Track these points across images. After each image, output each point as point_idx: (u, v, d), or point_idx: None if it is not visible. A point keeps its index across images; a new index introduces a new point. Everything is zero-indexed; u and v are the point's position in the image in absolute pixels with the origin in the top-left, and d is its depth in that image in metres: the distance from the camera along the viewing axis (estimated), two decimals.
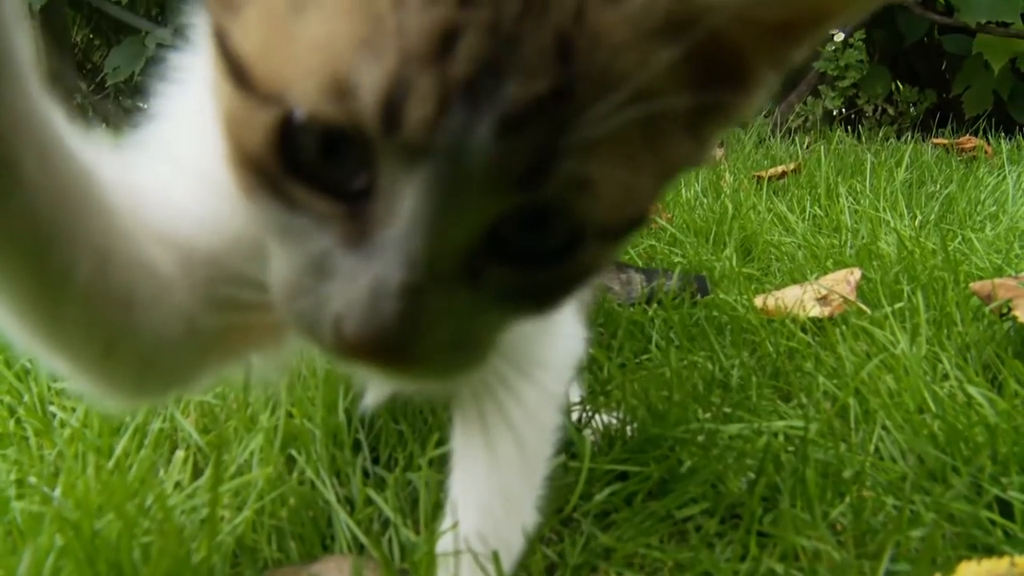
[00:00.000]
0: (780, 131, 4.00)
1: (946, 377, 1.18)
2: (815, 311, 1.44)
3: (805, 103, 4.28)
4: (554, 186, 0.43)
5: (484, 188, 0.42)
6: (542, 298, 0.51)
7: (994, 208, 2.21)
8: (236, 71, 0.45)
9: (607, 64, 0.42)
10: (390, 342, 0.44)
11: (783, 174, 2.80)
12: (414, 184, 0.42)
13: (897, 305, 1.43)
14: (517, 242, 0.46)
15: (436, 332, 0.46)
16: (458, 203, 0.42)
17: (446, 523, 0.77)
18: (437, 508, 0.86)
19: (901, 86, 4.72)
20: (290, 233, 0.46)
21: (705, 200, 2.49)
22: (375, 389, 0.78)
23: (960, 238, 1.87)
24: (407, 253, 0.43)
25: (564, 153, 0.42)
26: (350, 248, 0.44)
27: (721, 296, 1.60)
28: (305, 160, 0.44)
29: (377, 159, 0.42)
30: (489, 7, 0.40)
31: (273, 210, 0.46)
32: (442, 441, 0.93)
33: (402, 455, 0.97)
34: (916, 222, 2.09)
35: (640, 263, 1.92)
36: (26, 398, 1.14)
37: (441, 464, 0.92)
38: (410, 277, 0.43)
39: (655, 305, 1.56)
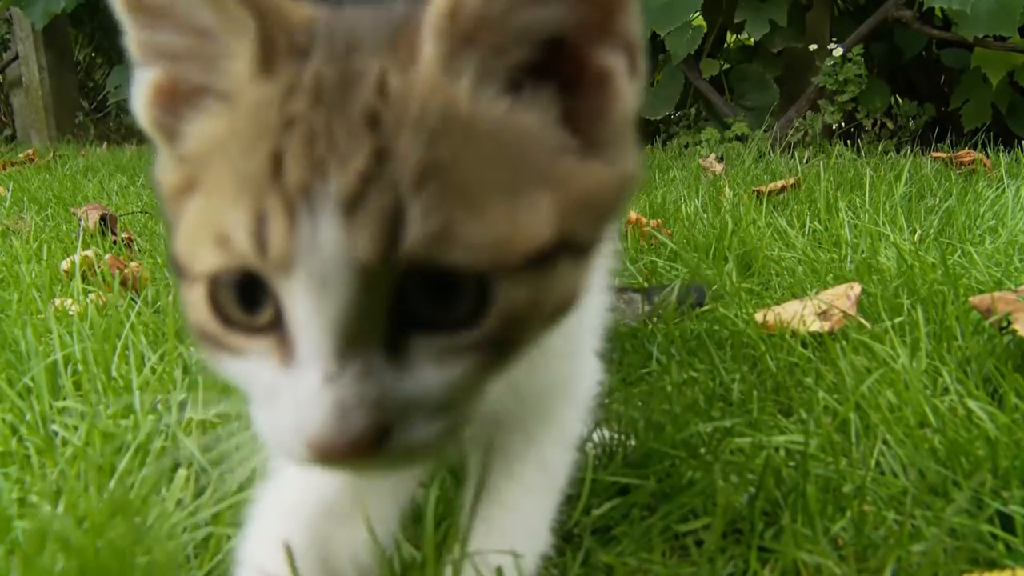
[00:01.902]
0: (779, 146, 4.01)
1: (946, 391, 1.18)
2: (815, 326, 1.45)
3: (804, 118, 4.29)
4: (414, 242, 0.45)
5: (352, 268, 0.45)
6: (503, 348, 0.50)
7: (993, 222, 2.21)
8: (180, 271, 0.52)
9: (419, 115, 0.46)
10: (348, 432, 0.47)
11: (783, 189, 2.81)
12: (299, 291, 0.46)
13: (897, 319, 1.43)
14: (431, 311, 0.48)
15: (386, 409, 0.48)
16: (338, 291, 0.45)
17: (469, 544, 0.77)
18: (440, 524, 0.86)
19: (900, 100, 4.74)
20: (249, 380, 0.52)
21: (705, 215, 2.50)
22: None
23: (960, 252, 1.87)
24: (320, 350, 0.46)
25: (408, 208, 0.45)
26: (285, 368, 0.49)
27: (721, 311, 1.60)
28: (233, 313, 0.50)
29: (273, 286, 0.47)
30: (303, 120, 0.46)
31: (232, 366, 0.52)
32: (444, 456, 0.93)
33: None
34: (916, 236, 2.09)
35: (640, 278, 1.93)
36: (28, 417, 1.15)
37: (444, 480, 0.92)
38: (330, 368, 0.47)
39: (655, 319, 1.57)
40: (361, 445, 0.47)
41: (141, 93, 0.55)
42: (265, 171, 0.46)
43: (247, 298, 0.49)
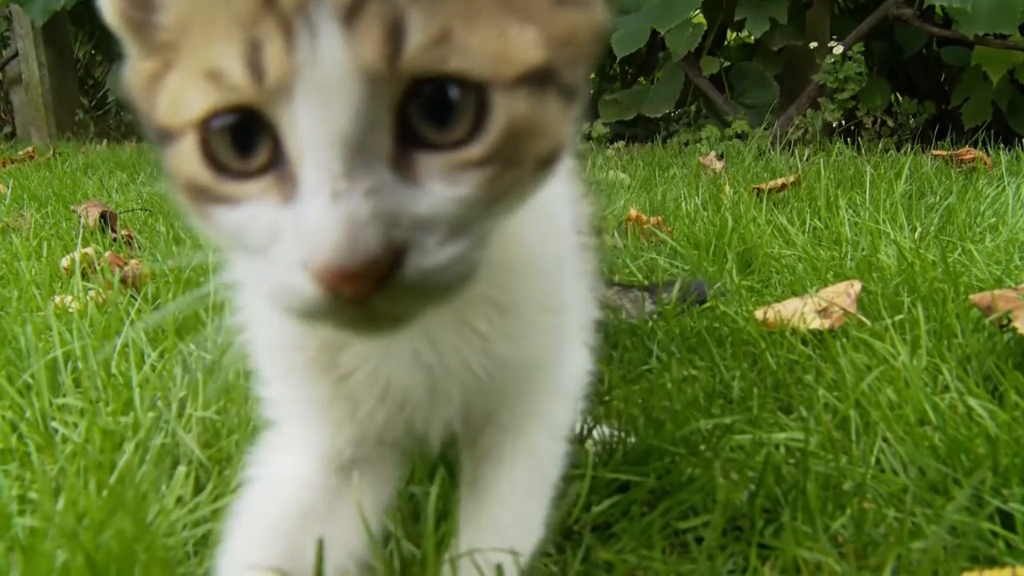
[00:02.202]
0: (780, 143, 4.01)
1: (947, 389, 1.18)
2: (815, 323, 1.45)
3: (804, 115, 4.29)
4: (415, 47, 0.45)
5: (357, 77, 0.45)
6: (505, 168, 0.50)
7: (993, 219, 2.21)
8: (165, 136, 0.52)
9: None
10: (361, 250, 0.45)
11: (783, 186, 2.81)
12: (301, 112, 0.45)
13: (897, 317, 1.43)
14: (434, 129, 0.48)
15: (399, 226, 0.47)
16: (342, 104, 0.45)
17: (460, 541, 0.77)
18: (439, 521, 0.86)
19: (900, 98, 4.74)
20: (246, 229, 0.50)
21: (705, 213, 2.50)
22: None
23: (960, 250, 1.87)
24: (327, 171, 0.46)
25: (406, 15, 0.45)
26: (288, 203, 0.48)
27: (722, 308, 1.60)
28: (226, 159, 0.49)
29: (272, 118, 0.47)
30: None
31: (227, 217, 0.51)
32: (445, 454, 0.93)
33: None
34: (916, 234, 2.09)
35: (640, 275, 1.93)
36: (28, 414, 1.15)
37: (443, 477, 0.92)
38: (339, 185, 0.45)
39: (656, 316, 1.57)
40: (376, 266, 0.46)
41: None
42: (256, 2, 0.45)
43: (241, 141, 0.49)
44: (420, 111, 0.47)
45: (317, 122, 0.45)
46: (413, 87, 0.46)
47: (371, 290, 0.47)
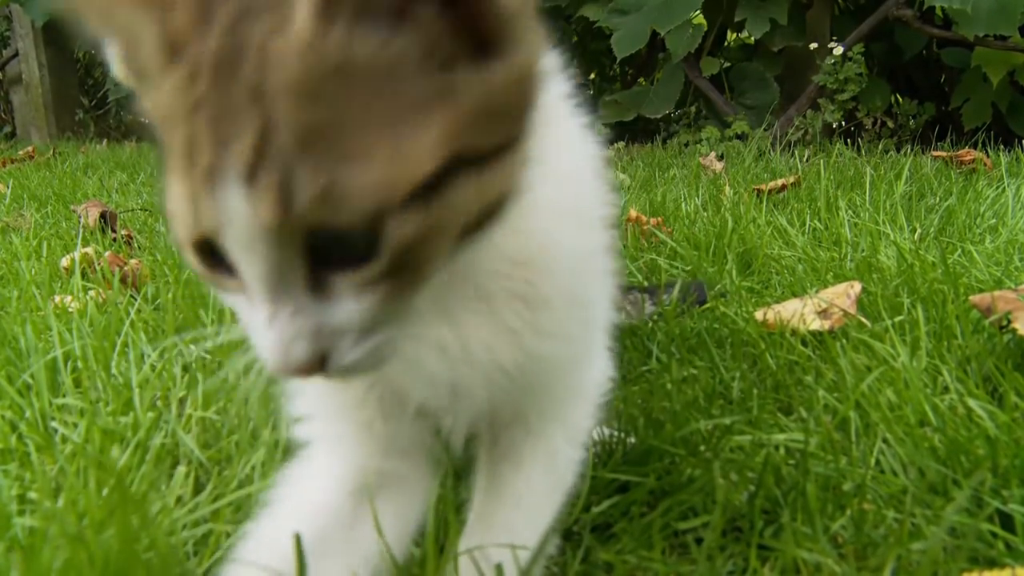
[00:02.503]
0: (780, 144, 4.01)
1: (946, 390, 1.18)
2: (815, 324, 1.45)
3: (804, 116, 4.29)
4: (304, 204, 0.49)
5: (262, 232, 0.50)
6: (411, 272, 0.55)
7: (993, 221, 2.21)
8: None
9: (297, 78, 0.47)
10: (293, 360, 0.55)
11: (783, 187, 2.81)
12: (233, 253, 0.53)
13: (897, 318, 1.43)
14: (337, 254, 0.53)
15: (322, 338, 0.55)
16: (257, 251, 0.52)
17: (468, 538, 0.77)
18: (439, 520, 0.86)
19: (900, 99, 4.74)
20: (239, 311, 0.59)
21: (705, 213, 2.50)
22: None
23: (960, 251, 1.87)
24: (261, 296, 0.54)
25: (295, 175, 0.49)
26: (251, 306, 0.57)
27: (722, 309, 1.60)
28: (210, 260, 0.56)
29: (221, 248, 0.54)
30: (207, 101, 0.48)
31: (227, 299, 0.60)
32: (448, 452, 0.93)
33: None
34: (916, 235, 2.09)
35: (640, 276, 1.93)
36: (28, 414, 1.15)
37: (445, 477, 0.92)
38: (269, 311, 0.55)
39: (656, 317, 1.57)
40: (307, 370, 0.56)
41: (114, 59, 0.58)
42: (186, 154, 0.50)
43: (215, 249, 0.55)
44: (322, 243, 0.52)
45: (244, 263, 0.53)
46: (311, 233, 0.51)
47: (311, 376, 0.57)
